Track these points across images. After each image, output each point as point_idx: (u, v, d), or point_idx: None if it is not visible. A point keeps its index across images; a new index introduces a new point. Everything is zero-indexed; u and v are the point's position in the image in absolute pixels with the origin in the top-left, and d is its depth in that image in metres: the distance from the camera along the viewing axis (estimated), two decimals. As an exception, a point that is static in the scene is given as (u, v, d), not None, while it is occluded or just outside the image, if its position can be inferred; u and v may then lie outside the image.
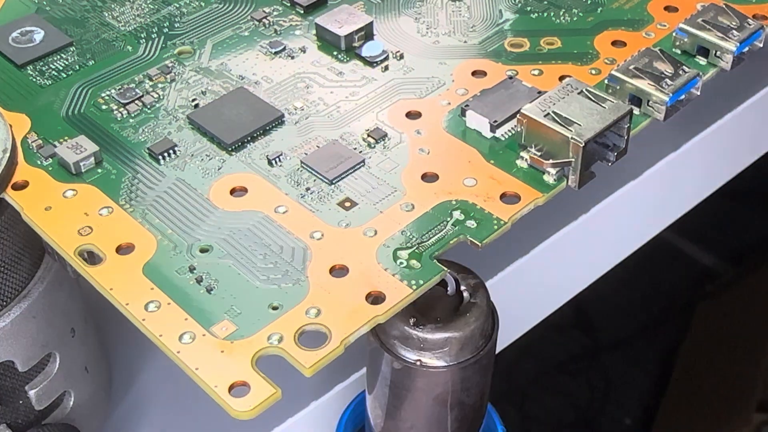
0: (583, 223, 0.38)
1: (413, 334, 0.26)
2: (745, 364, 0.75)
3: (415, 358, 0.26)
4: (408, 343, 0.26)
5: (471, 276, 0.27)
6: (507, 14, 0.35)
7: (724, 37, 0.31)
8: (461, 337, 0.26)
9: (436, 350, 0.26)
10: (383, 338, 0.26)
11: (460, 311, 0.26)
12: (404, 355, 0.26)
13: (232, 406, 0.22)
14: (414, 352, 0.26)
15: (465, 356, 0.26)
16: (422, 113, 0.31)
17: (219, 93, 0.32)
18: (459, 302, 0.27)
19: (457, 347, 0.26)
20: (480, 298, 0.27)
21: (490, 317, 0.27)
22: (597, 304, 0.84)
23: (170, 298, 0.25)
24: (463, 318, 0.26)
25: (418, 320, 0.26)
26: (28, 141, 0.30)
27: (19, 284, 0.30)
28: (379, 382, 0.28)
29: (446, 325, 0.26)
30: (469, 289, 0.27)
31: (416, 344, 0.26)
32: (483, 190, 0.28)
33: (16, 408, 0.31)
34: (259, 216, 0.27)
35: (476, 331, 0.26)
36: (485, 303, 0.27)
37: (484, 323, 0.26)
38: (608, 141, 0.28)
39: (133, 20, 0.35)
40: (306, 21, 0.35)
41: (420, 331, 0.26)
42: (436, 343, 0.26)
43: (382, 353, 0.27)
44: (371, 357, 0.28)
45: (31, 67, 0.33)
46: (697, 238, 0.89)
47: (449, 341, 0.26)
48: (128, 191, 0.28)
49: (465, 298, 0.27)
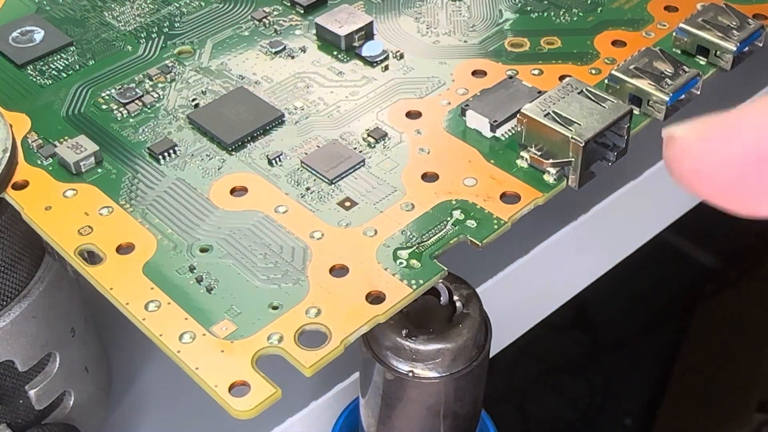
0: (583, 223, 0.38)
1: (405, 345, 0.26)
2: (745, 365, 0.75)
3: (407, 369, 0.26)
4: (400, 354, 0.26)
5: (464, 286, 0.27)
6: (507, 14, 0.35)
7: (724, 37, 0.31)
8: (454, 348, 0.26)
9: (429, 361, 0.26)
10: (375, 349, 0.26)
11: (453, 322, 0.26)
12: (397, 366, 0.26)
13: (232, 405, 0.22)
14: (406, 363, 0.26)
15: (458, 367, 0.26)
16: (422, 113, 0.31)
17: (219, 93, 0.32)
18: (452, 313, 0.27)
19: (449, 358, 0.26)
20: (473, 309, 0.27)
21: (483, 327, 0.27)
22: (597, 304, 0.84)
23: (170, 298, 0.25)
24: (455, 329, 0.26)
25: (410, 331, 0.26)
26: (28, 141, 0.30)
27: (19, 284, 0.30)
28: (372, 392, 0.28)
29: (439, 336, 0.26)
30: (462, 299, 0.27)
31: (409, 355, 0.26)
32: (483, 190, 0.28)
33: (16, 408, 0.31)
34: (259, 216, 0.27)
35: (469, 341, 0.26)
36: (478, 313, 0.27)
37: (476, 334, 0.26)
38: (608, 141, 0.28)
39: (133, 20, 0.35)
40: (306, 21, 0.35)
41: (412, 342, 0.26)
42: (429, 354, 0.26)
43: (374, 363, 0.26)
44: (364, 366, 0.28)
45: (31, 67, 0.33)
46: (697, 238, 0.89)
47: (442, 352, 0.26)
48: (128, 191, 0.28)
49: (458, 308, 0.27)
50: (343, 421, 0.32)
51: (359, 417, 0.30)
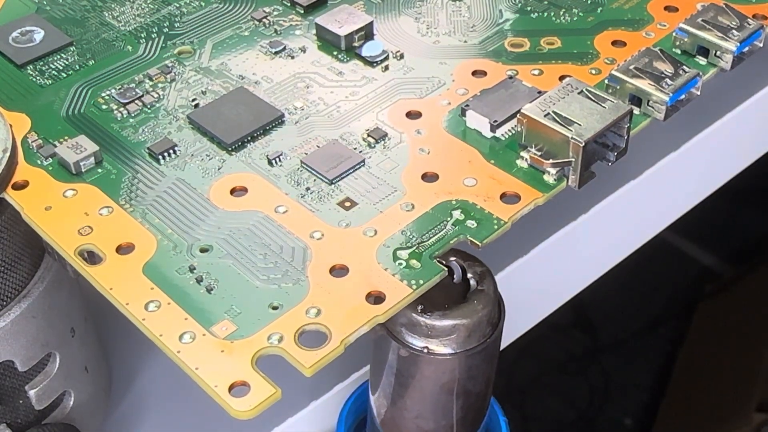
0: (583, 223, 0.38)
1: (421, 321, 0.26)
2: (745, 364, 0.75)
3: (422, 346, 0.26)
4: (415, 330, 0.26)
5: (477, 264, 0.27)
6: (507, 14, 0.35)
7: (724, 37, 0.31)
8: (469, 324, 0.26)
9: (444, 337, 0.26)
10: (390, 326, 0.26)
11: (468, 299, 0.26)
12: (411, 343, 0.26)
13: (232, 405, 0.22)
14: (421, 339, 0.26)
15: (472, 344, 0.26)
16: (422, 113, 0.31)
17: (219, 93, 0.32)
18: (466, 290, 0.27)
19: (464, 334, 0.26)
20: (487, 286, 0.27)
21: (497, 305, 0.27)
22: (597, 304, 0.84)
23: (170, 298, 0.25)
24: (470, 305, 0.26)
25: (425, 307, 0.26)
26: (29, 141, 0.30)
27: (19, 284, 0.30)
28: (385, 372, 0.28)
29: (454, 312, 0.26)
30: (475, 276, 0.27)
31: (423, 331, 0.26)
32: (483, 190, 0.28)
33: (16, 408, 0.31)
34: (259, 216, 0.27)
35: (483, 318, 0.26)
36: (492, 291, 0.27)
37: (491, 311, 0.26)
38: (608, 141, 0.28)
39: (133, 20, 0.35)
40: (306, 21, 0.35)
41: (427, 318, 0.26)
42: (444, 330, 0.26)
43: (389, 341, 0.26)
44: (376, 346, 0.28)
45: (31, 67, 0.33)
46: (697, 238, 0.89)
47: (457, 328, 0.26)
48: (128, 191, 0.28)
49: (472, 286, 0.27)
50: (349, 407, 0.32)
51: (368, 400, 0.30)
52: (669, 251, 0.88)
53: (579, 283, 0.42)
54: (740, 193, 0.68)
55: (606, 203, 0.39)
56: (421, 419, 0.28)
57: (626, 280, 0.69)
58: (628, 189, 0.40)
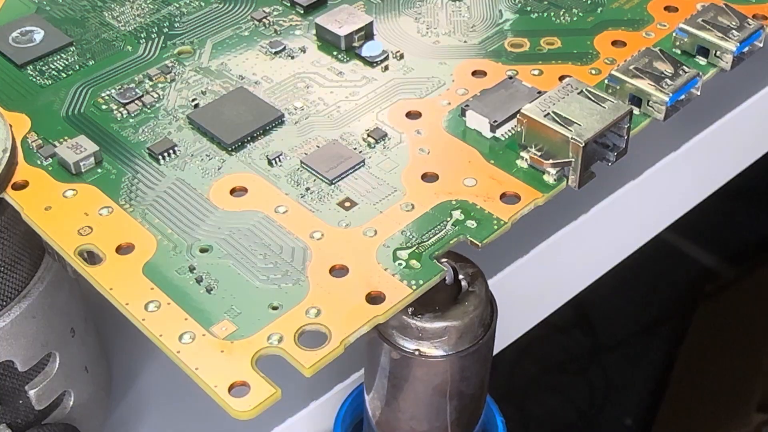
0: (583, 223, 0.38)
1: (411, 323, 0.26)
2: (745, 365, 0.75)
3: (413, 348, 0.26)
4: (406, 332, 0.26)
5: (469, 265, 0.27)
6: (507, 14, 0.35)
7: (724, 37, 0.31)
8: (460, 326, 0.26)
9: (435, 339, 0.26)
10: (381, 328, 0.26)
11: (459, 300, 0.26)
12: (403, 345, 0.26)
13: (232, 406, 0.22)
14: (413, 341, 0.26)
15: (464, 345, 0.26)
16: (422, 113, 0.31)
17: (219, 93, 0.32)
18: (457, 291, 0.27)
19: (456, 336, 0.26)
20: (478, 287, 0.27)
21: (488, 306, 0.27)
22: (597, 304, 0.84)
23: (170, 298, 0.25)
24: (461, 307, 0.26)
25: (416, 309, 0.26)
26: (28, 141, 0.30)
27: (19, 284, 0.30)
28: (378, 374, 0.28)
29: (445, 313, 0.26)
30: (467, 278, 0.27)
31: (415, 333, 0.26)
32: (483, 190, 0.28)
33: (16, 408, 0.31)
34: (259, 216, 0.27)
35: (475, 319, 0.26)
36: (484, 292, 0.27)
37: (482, 312, 0.26)
38: (608, 141, 0.28)
39: (133, 20, 0.35)
40: (306, 21, 0.35)
41: (418, 320, 0.26)
42: (435, 332, 0.26)
43: (380, 344, 0.26)
44: (369, 348, 0.28)
45: (31, 67, 0.33)
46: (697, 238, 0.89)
47: (448, 330, 0.26)
48: (128, 191, 0.28)
49: (463, 287, 0.27)
50: (346, 408, 0.32)
51: (364, 402, 0.30)
52: (669, 251, 0.88)
53: (579, 283, 0.42)
54: (740, 193, 0.68)
55: (606, 203, 0.39)
56: (415, 421, 0.28)
57: (626, 280, 0.69)
58: (628, 189, 0.40)
